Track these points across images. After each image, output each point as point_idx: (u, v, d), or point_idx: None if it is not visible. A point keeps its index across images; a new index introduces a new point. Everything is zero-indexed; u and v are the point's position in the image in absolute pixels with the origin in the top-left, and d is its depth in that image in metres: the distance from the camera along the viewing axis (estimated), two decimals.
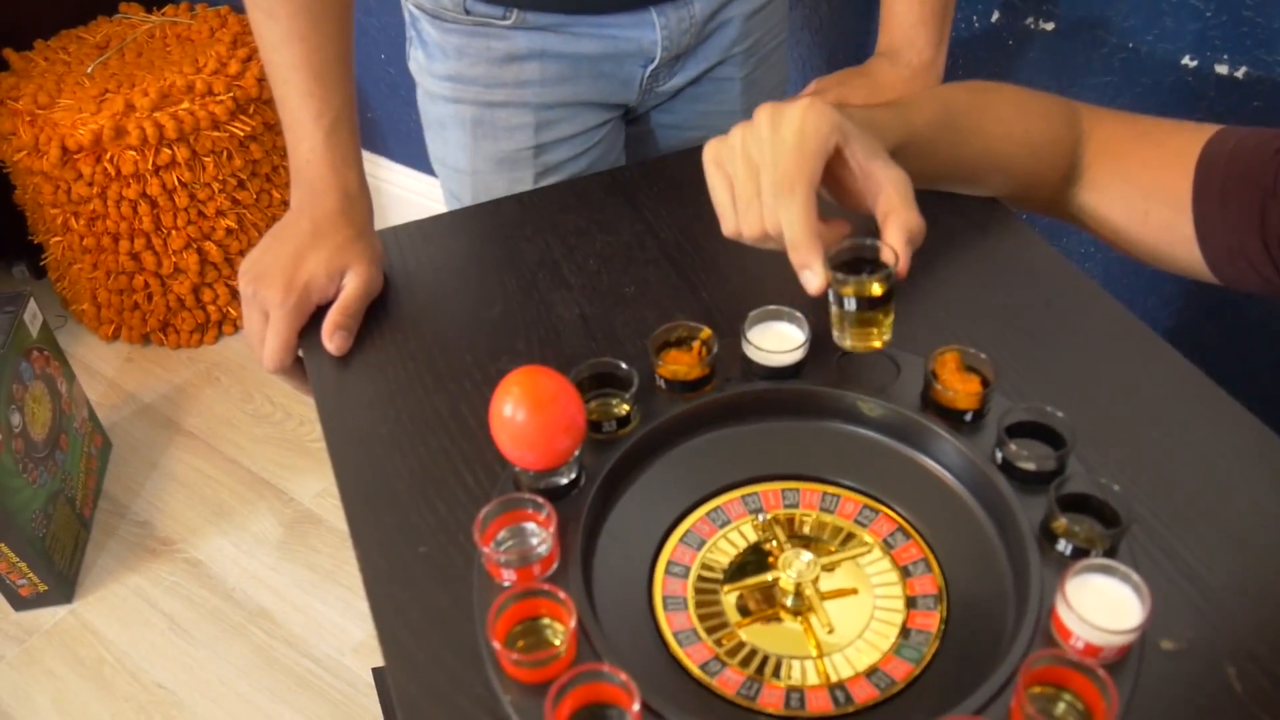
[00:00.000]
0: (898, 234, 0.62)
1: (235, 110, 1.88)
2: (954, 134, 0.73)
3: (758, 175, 0.61)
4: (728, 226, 0.64)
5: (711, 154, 0.65)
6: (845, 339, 0.63)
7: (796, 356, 0.64)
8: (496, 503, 0.56)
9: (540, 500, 0.56)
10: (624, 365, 0.63)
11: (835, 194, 0.66)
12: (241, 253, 2.00)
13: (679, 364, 0.64)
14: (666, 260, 0.81)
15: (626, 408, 0.62)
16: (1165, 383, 0.68)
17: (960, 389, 0.61)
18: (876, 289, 0.61)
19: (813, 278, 0.60)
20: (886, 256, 0.61)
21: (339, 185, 0.79)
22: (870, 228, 0.65)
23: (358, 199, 0.81)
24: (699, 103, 1.03)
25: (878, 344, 0.63)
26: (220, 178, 1.91)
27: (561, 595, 0.52)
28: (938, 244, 0.78)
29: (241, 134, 1.89)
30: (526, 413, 0.55)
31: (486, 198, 0.95)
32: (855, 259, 0.62)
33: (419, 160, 2.05)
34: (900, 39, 0.93)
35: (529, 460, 0.57)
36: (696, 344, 0.66)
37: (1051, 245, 0.80)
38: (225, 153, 1.89)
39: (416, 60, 0.99)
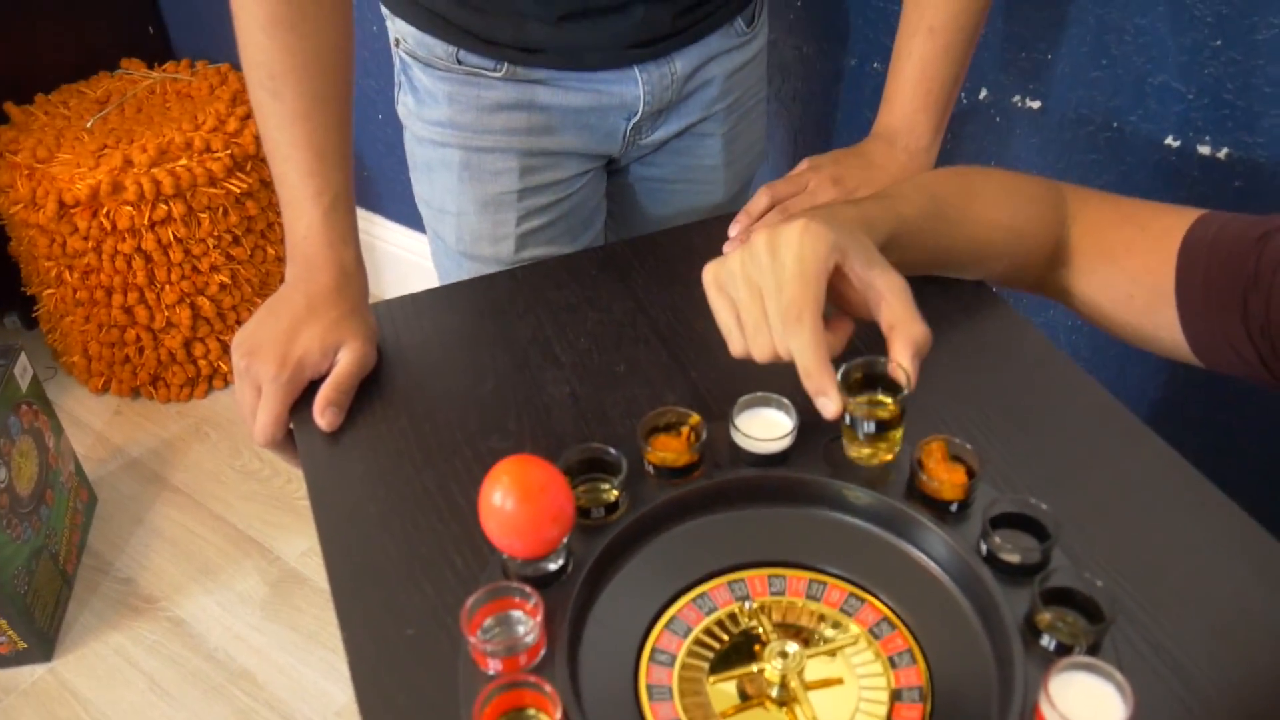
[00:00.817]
0: (905, 349, 0.62)
1: (232, 167, 1.90)
2: (942, 223, 0.74)
3: (762, 301, 0.62)
4: (736, 348, 0.65)
5: (711, 277, 0.65)
6: (855, 451, 0.64)
7: (784, 444, 0.65)
8: (484, 591, 0.57)
9: (528, 590, 0.56)
10: (613, 450, 0.64)
11: (837, 304, 0.67)
12: (235, 308, 2.01)
13: (668, 450, 0.65)
14: (657, 339, 0.82)
15: (615, 494, 0.63)
16: (1150, 470, 0.69)
17: (946, 479, 0.61)
18: (889, 411, 0.62)
19: (829, 404, 0.61)
20: (897, 376, 0.62)
21: (335, 262, 0.81)
22: (873, 331, 0.66)
23: (353, 276, 0.82)
24: (681, 156, 1.07)
25: (889, 457, 0.64)
26: (215, 233, 1.92)
27: (548, 689, 0.52)
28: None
29: (238, 190, 1.91)
30: (515, 502, 0.56)
31: (470, 238, 0.98)
32: (867, 374, 0.64)
33: (413, 219, 2.07)
34: (900, 123, 0.95)
35: (517, 549, 0.57)
36: (685, 430, 0.66)
37: (1039, 319, 0.81)
38: (221, 209, 1.91)
39: (405, 105, 1.02)
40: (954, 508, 0.61)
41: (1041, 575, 0.56)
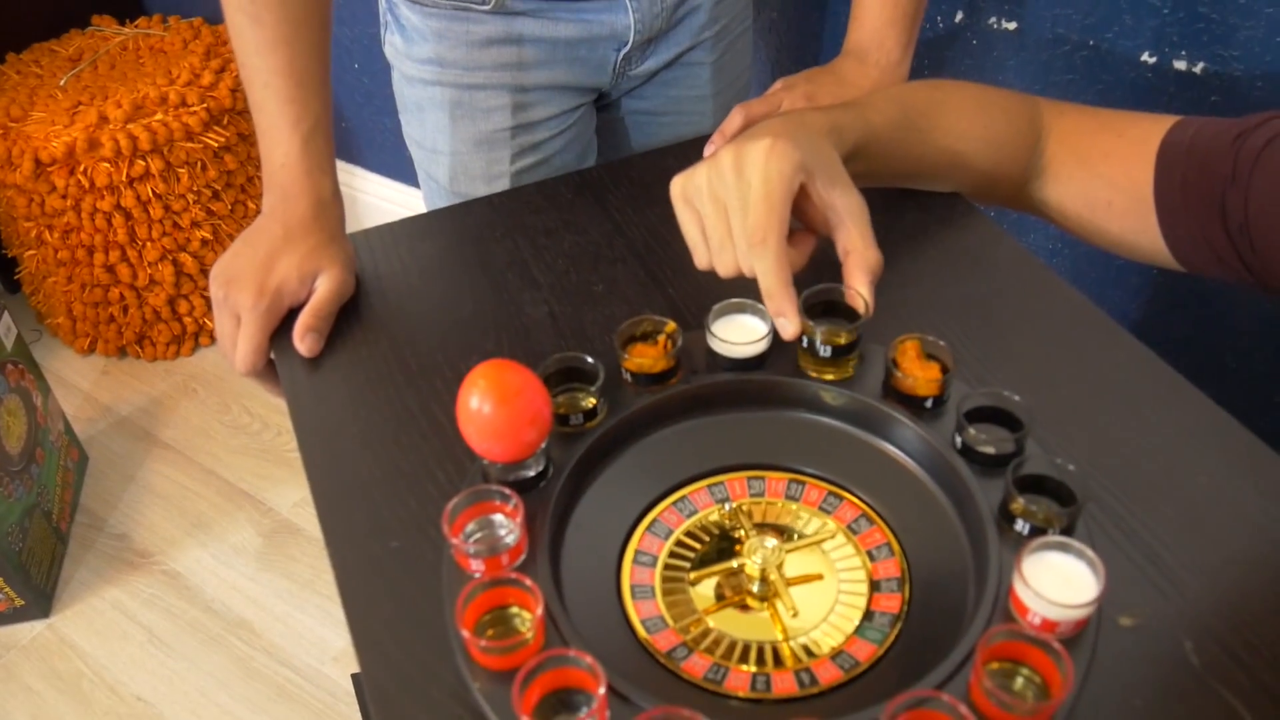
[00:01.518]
0: (860, 275, 0.65)
1: (209, 121, 1.88)
2: (913, 133, 0.74)
3: (727, 219, 0.64)
4: (700, 260, 0.66)
5: (679, 190, 0.66)
6: (814, 373, 0.65)
7: (760, 348, 0.66)
8: (464, 495, 0.57)
9: (507, 492, 0.57)
10: (590, 359, 0.64)
11: (800, 219, 0.68)
12: None
13: (645, 357, 0.65)
14: (634, 258, 0.82)
15: (593, 401, 0.64)
16: (1125, 369, 0.70)
17: (920, 376, 0.62)
18: (846, 337, 0.64)
19: (788, 325, 0.63)
20: (855, 303, 0.64)
21: (312, 191, 0.80)
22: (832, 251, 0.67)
23: (330, 205, 0.82)
24: (670, 87, 1.06)
25: (846, 374, 0.65)
26: (195, 189, 1.91)
27: (528, 583, 0.52)
28: (899, 239, 0.80)
29: (216, 145, 1.89)
30: (492, 406, 0.56)
31: (464, 178, 0.97)
32: (825, 300, 0.65)
33: (393, 169, 2.06)
34: (869, 39, 0.95)
35: (496, 453, 0.58)
36: (662, 338, 0.67)
37: (1018, 241, 0.81)
38: (199, 164, 1.90)
39: (393, 45, 1.01)
40: (929, 404, 0.62)
41: (1015, 463, 0.57)
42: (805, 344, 0.65)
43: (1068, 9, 1.14)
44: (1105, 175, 0.74)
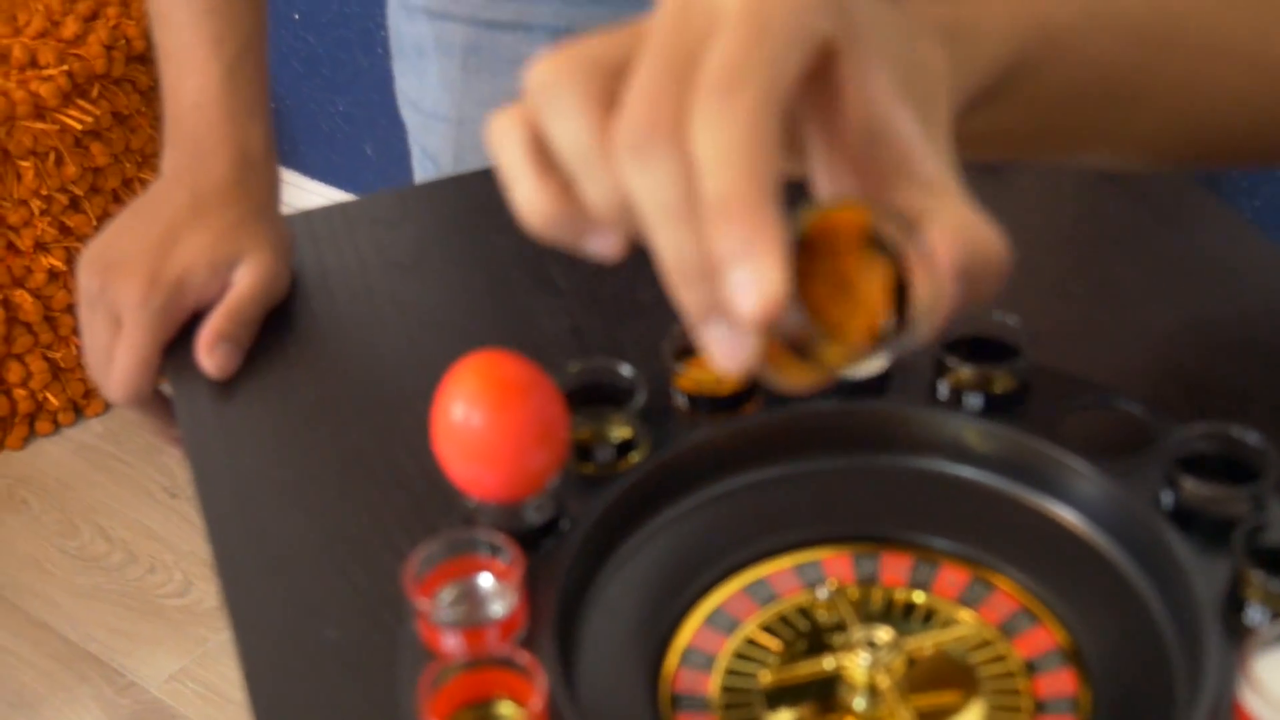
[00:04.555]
0: (953, 246, 0.47)
1: (71, 92, 1.96)
2: (1127, 48, 0.63)
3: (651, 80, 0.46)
4: (532, 189, 0.48)
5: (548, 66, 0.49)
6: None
7: (876, 366, 0.70)
8: (438, 542, 0.62)
9: (501, 542, 0.62)
10: (627, 370, 0.69)
11: (808, 147, 0.51)
12: (72, 309, 2.09)
13: (708, 372, 0.70)
14: None
15: (629, 430, 0.68)
16: None
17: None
18: (1004, 382, 0.68)
19: (762, 277, 0.42)
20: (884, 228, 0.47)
21: (236, 143, 0.87)
22: None
23: (260, 164, 0.89)
24: None
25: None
26: (43, 193, 1.99)
27: (524, 661, 0.57)
28: (1095, 239, 0.85)
29: (79, 127, 1.97)
30: (485, 413, 0.61)
31: (474, 157, 1.01)
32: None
33: (343, 175, 2.14)
34: None
35: (488, 483, 0.63)
36: None
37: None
38: (52, 155, 1.97)
39: None
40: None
41: (1249, 527, 0.61)
42: (944, 393, 0.69)
43: None
44: None
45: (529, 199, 0.48)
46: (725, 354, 0.46)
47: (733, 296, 0.43)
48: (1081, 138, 0.66)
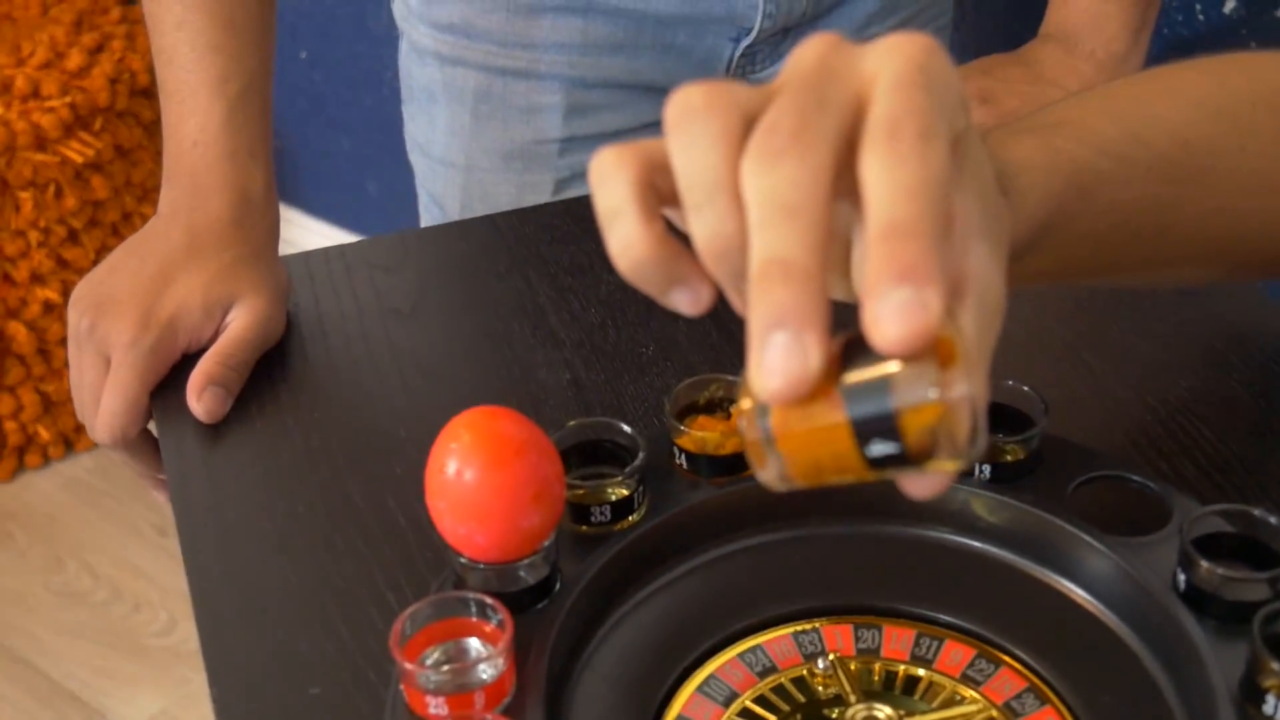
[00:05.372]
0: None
1: (73, 124, 1.97)
2: (1158, 184, 0.64)
3: (813, 117, 0.45)
4: (710, 233, 0.46)
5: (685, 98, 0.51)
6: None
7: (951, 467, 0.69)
8: (426, 603, 0.61)
9: (491, 603, 0.60)
10: (627, 428, 0.68)
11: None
12: (65, 341, 2.09)
13: (710, 431, 0.69)
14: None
15: (626, 489, 0.67)
16: None
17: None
18: (1015, 452, 0.67)
19: (922, 303, 0.42)
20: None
21: (236, 182, 0.87)
22: None
23: (260, 205, 0.88)
24: None
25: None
26: (41, 225, 1.99)
27: None
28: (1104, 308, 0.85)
29: (80, 160, 1.98)
30: (479, 471, 0.60)
31: (482, 205, 1.01)
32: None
33: (348, 215, 2.15)
34: (1080, 19, 1.00)
35: (479, 543, 0.62)
36: (738, 407, 0.71)
37: None
38: (52, 187, 1.98)
39: (406, 2, 1.09)
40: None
41: (1266, 612, 0.59)
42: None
43: None
44: None
45: (628, 239, 0.47)
46: (781, 366, 0.43)
47: (885, 314, 0.42)
48: (1109, 272, 0.68)
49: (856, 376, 0.45)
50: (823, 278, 0.43)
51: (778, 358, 0.42)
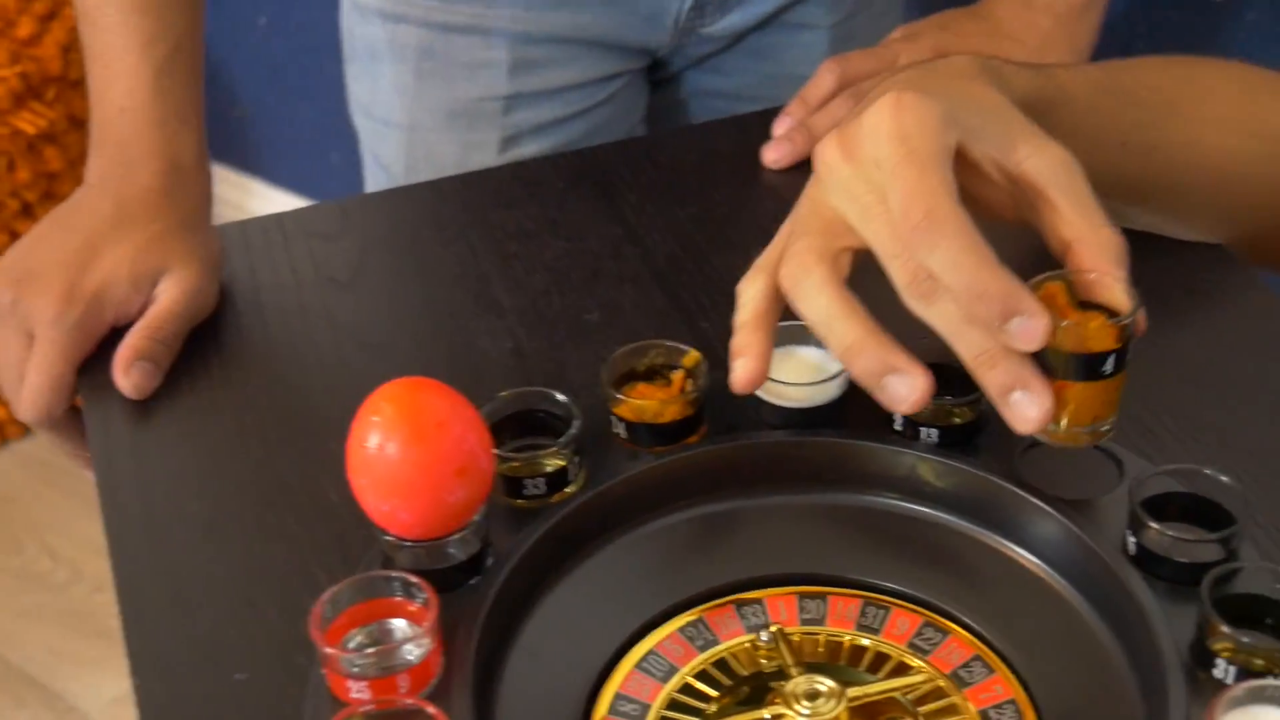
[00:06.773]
0: (1105, 258, 0.62)
1: (24, 94, 1.95)
2: (1133, 108, 0.75)
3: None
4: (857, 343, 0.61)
5: (770, 280, 0.65)
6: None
7: (830, 393, 0.68)
8: (348, 584, 0.60)
9: (415, 582, 0.59)
10: (561, 397, 0.67)
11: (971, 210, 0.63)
12: None
13: (649, 399, 0.68)
14: (651, 276, 0.86)
15: (561, 461, 0.66)
16: None
17: (1082, 323, 0.61)
18: (964, 414, 0.68)
19: (1035, 326, 0.58)
20: (1111, 295, 0.62)
21: (165, 150, 0.85)
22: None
23: (190, 174, 0.87)
24: (764, 59, 1.10)
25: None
26: None
27: (431, 710, 0.55)
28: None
29: (32, 131, 1.96)
30: (400, 445, 0.59)
31: (427, 166, 1.00)
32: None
33: (308, 183, 2.13)
34: None
35: (403, 520, 0.61)
36: (679, 374, 0.70)
37: None
38: (4, 159, 1.96)
39: None
40: (1107, 367, 0.61)
41: (1216, 574, 0.59)
42: (899, 425, 0.68)
43: None
44: None
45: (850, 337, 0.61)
46: (1026, 414, 0.60)
47: (1014, 341, 0.59)
48: (1115, 189, 0.71)
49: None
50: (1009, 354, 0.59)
51: (1022, 409, 0.59)
